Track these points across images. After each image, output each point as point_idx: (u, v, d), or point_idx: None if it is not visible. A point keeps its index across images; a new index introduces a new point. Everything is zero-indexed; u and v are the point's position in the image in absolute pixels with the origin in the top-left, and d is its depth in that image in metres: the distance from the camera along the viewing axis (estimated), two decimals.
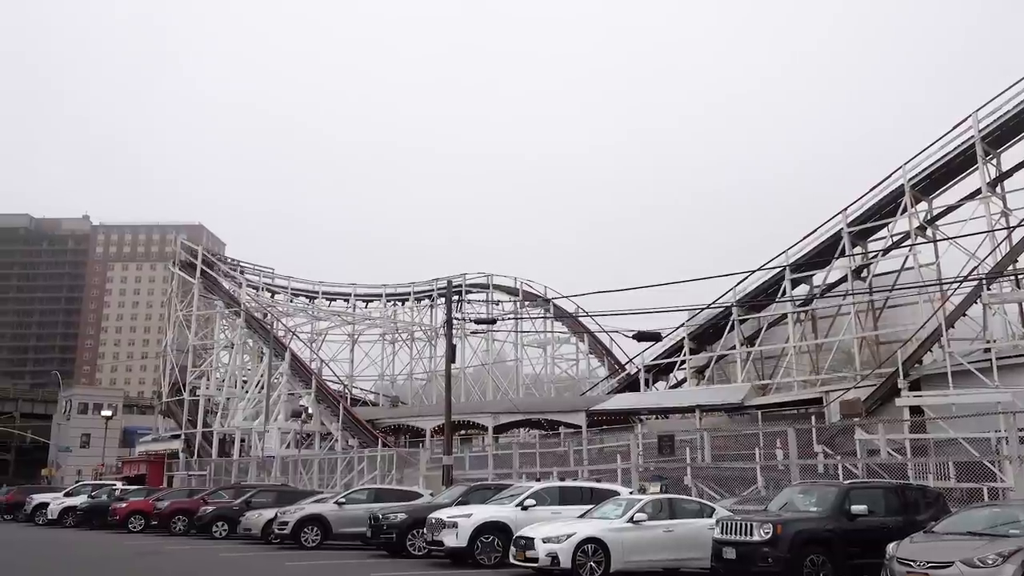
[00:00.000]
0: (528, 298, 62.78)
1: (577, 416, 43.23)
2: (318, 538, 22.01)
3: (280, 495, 26.74)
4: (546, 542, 14.65)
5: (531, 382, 64.75)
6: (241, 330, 55.42)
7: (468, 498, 19.38)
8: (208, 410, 56.29)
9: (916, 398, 28.86)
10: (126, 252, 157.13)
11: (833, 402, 32.77)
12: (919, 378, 30.52)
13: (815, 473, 21.39)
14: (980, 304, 30.36)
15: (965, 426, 23.39)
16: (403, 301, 66.83)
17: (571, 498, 18.08)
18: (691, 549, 15.03)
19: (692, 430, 29.87)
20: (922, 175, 35.48)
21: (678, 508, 16.07)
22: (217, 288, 59.50)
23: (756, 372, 42.05)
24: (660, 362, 46.40)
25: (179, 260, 61.35)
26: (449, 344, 28.12)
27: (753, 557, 12.88)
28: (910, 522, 13.10)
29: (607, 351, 58.93)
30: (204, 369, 58.44)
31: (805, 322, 41.13)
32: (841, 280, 39.21)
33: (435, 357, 63.35)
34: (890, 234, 37.81)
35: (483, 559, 16.60)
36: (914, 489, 14.98)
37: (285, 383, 51.35)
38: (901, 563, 10.92)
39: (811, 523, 13.12)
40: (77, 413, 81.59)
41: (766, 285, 40.70)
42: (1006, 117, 32.96)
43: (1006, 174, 34.27)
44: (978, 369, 28.28)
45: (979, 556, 10.33)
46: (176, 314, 60.66)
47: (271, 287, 64.51)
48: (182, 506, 28.84)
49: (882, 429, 22.90)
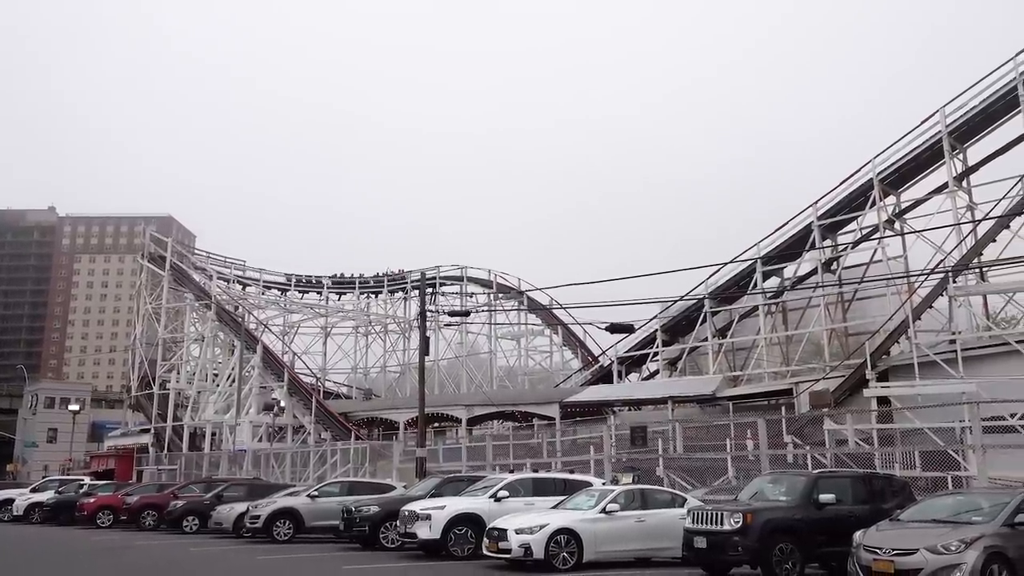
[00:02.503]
0: (502, 290, 62.77)
1: (551, 408, 43.35)
2: (290, 532, 21.89)
3: (252, 489, 26.48)
4: (519, 533, 14.70)
5: (505, 374, 64.80)
6: (212, 323, 54.80)
7: (441, 490, 19.36)
8: (178, 404, 55.67)
9: (883, 389, 29.37)
10: (93, 244, 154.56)
11: (803, 393, 33.21)
12: (886, 369, 31.01)
13: (785, 463, 21.68)
14: (946, 297, 30.92)
15: (930, 416, 23.85)
16: (376, 294, 66.49)
17: (544, 489, 18.15)
18: (663, 539, 15.16)
19: (664, 421, 30.11)
20: (891, 169, 35.97)
21: (650, 498, 16.20)
22: (187, 280, 58.77)
23: (728, 364, 42.47)
24: (633, 354, 46.68)
25: (148, 252, 60.47)
26: (422, 336, 28.06)
27: (723, 546, 13.01)
28: (877, 510, 13.29)
29: (580, 343, 59.14)
30: (174, 363, 57.73)
31: (776, 314, 41.62)
32: (811, 272, 39.68)
33: (409, 350, 63.16)
34: (859, 227, 38.32)
35: (456, 551, 16.60)
36: (880, 478, 15.21)
37: (257, 376, 50.90)
38: (868, 550, 11.09)
39: (780, 512, 13.27)
40: (43, 408, 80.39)
41: (738, 277, 41.08)
42: (972, 112, 33.50)
43: (972, 168, 34.86)
44: (943, 360, 28.79)
45: (943, 543, 10.52)
46: (145, 307, 59.82)
47: (242, 279, 63.87)
48: (152, 501, 28.50)
49: (850, 419, 23.31)
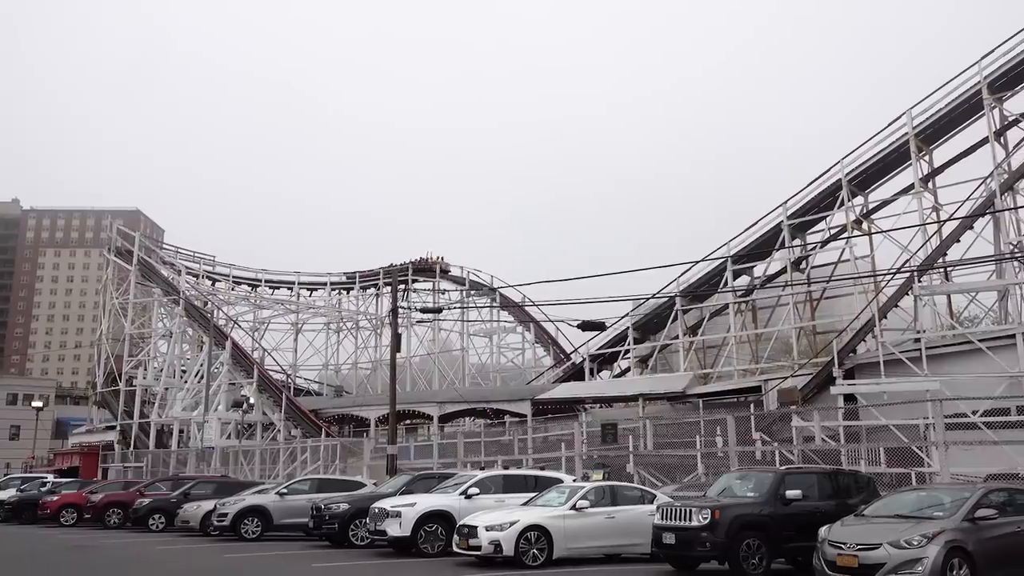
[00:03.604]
0: (474, 287, 62.67)
1: (522, 405, 43.41)
2: (259, 529, 21.68)
3: (220, 486, 26.21)
4: (489, 530, 14.70)
5: (477, 371, 64.72)
6: (180, 319, 54.05)
7: (412, 487, 19.31)
8: (145, 400, 54.83)
9: (850, 386, 29.78)
10: (59, 237, 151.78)
11: (771, 390, 33.58)
12: (853, 367, 31.45)
13: (753, 460, 21.90)
14: (911, 296, 31.44)
15: (895, 413, 24.22)
16: (348, 290, 66.02)
17: (515, 486, 18.18)
18: (632, 535, 15.25)
19: (635, 418, 30.25)
20: (859, 170, 36.50)
21: (620, 495, 16.29)
22: (155, 275, 57.90)
23: (698, 361, 42.85)
24: (605, 351, 46.89)
25: (115, 246, 59.43)
26: (394, 333, 27.94)
27: (692, 542, 13.13)
28: (842, 506, 13.50)
29: (553, 340, 59.26)
30: (141, 359, 56.86)
31: (746, 312, 42.05)
32: (781, 271, 40.15)
33: (380, 346, 62.79)
34: (828, 227, 38.83)
35: (426, 548, 16.57)
36: (846, 474, 15.44)
37: (226, 373, 50.30)
38: (832, 545, 11.24)
39: (748, 508, 13.41)
40: (6, 404, 79.09)
41: (709, 276, 41.41)
42: (938, 115, 34.11)
43: (938, 170, 35.49)
44: (908, 358, 29.27)
45: (905, 538, 10.69)
46: (112, 302, 58.82)
47: (212, 275, 63.04)
48: (117, 499, 28.11)
49: (817, 416, 23.57)
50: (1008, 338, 27.91)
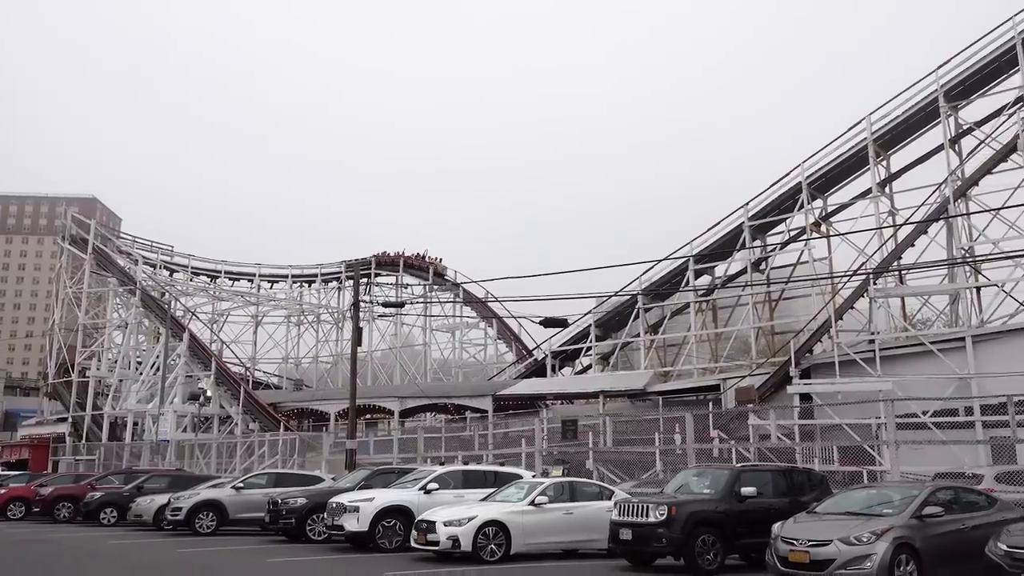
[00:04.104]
0: (437, 282, 62.51)
1: (484, 401, 43.43)
2: (213, 524, 21.35)
3: (174, 480, 25.81)
4: (447, 525, 14.68)
5: (439, 367, 64.58)
6: (136, 309, 53.03)
7: (371, 482, 19.20)
8: (99, 392, 53.74)
9: (806, 386, 30.31)
10: (11, 224, 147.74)
11: (729, 389, 34.03)
12: (809, 367, 32.02)
13: (711, 457, 22.19)
14: (867, 298, 32.11)
15: (849, 413, 24.75)
16: (310, 283, 65.34)
17: (474, 482, 18.16)
18: (590, 531, 15.35)
19: (595, 415, 30.47)
20: (819, 173, 37.14)
21: (579, 491, 16.37)
22: (111, 265, 56.67)
23: (659, 359, 43.27)
24: (567, 348, 47.12)
25: (69, 234, 58.07)
26: (355, 327, 27.72)
27: (648, 537, 13.25)
28: (796, 503, 13.73)
29: (515, 337, 59.35)
30: (95, 349, 55.64)
31: (706, 311, 42.55)
32: (741, 272, 40.70)
33: (342, 340, 62.24)
34: (787, 229, 39.47)
35: (384, 543, 16.47)
36: (800, 472, 15.70)
37: (183, 365, 49.48)
38: (785, 542, 11.43)
39: (703, 505, 13.57)
40: None
41: (671, 275, 41.81)
42: (896, 121, 34.84)
43: (895, 175, 36.26)
44: (863, 359, 29.90)
45: (855, 534, 10.91)
46: (65, 291, 57.47)
47: (170, 265, 61.89)
48: (67, 492, 27.54)
49: (773, 415, 23.97)
50: (958, 341, 28.66)
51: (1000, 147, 32.30)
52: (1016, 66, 31.99)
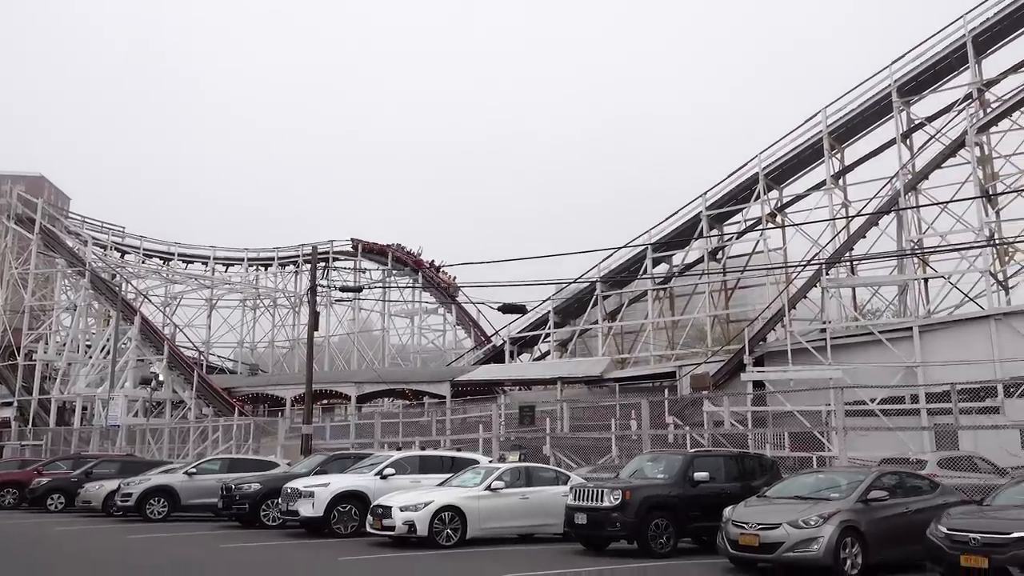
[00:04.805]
0: (396, 267, 62.08)
1: (442, 386, 43.39)
2: (165, 510, 21.07)
3: (124, 466, 25.33)
4: (403, 510, 14.66)
5: (397, 352, 64.24)
6: (85, 291, 51.67)
7: (327, 467, 19.09)
8: (46, 376, 52.30)
9: (759, 373, 30.89)
10: None
11: (685, 376, 34.51)
12: (763, 355, 32.61)
13: (666, 443, 22.51)
14: (819, 288, 32.79)
15: (800, 400, 25.30)
16: (266, 266, 64.37)
17: (431, 467, 18.15)
18: (546, 515, 15.46)
19: (553, 401, 30.66)
20: (775, 165, 37.73)
21: (535, 476, 16.47)
22: (59, 245, 55.13)
23: (616, 346, 43.67)
24: (525, 335, 47.27)
25: (15, 213, 56.26)
26: (312, 311, 27.46)
27: (603, 522, 13.42)
28: (747, 488, 14.01)
29: (474, 323, 59.28)
30: (42, 332, 54.19)
31: (663, 299, 43.02)
32: (698, 261, 41.24)
33: (298, 325, 61.44)
34: (744, 219, 40.09)
35: (339, 528, 16.40)
36: (751, 457, 16.02)
37: (134, 348, 48.45)
38: (736, 525, 11.67)
39: (657, 489, 13.78)
40: None
41: (629, 263, 42.16)
42: (851, 115, 35.53)
43: (848, 168, 37.02)
44: (814, 348, 30.54)
45: (803, 518, 11.20)
46: (10, 272, 55.75)
47: (121, 246, 60.41)
48: (12, 478, 26.91)
49: (727, 402, 24.40)
50: (906, 330, 29.44)
51: (949, 143, 33.15)
52: (966, 64, 32.81)
